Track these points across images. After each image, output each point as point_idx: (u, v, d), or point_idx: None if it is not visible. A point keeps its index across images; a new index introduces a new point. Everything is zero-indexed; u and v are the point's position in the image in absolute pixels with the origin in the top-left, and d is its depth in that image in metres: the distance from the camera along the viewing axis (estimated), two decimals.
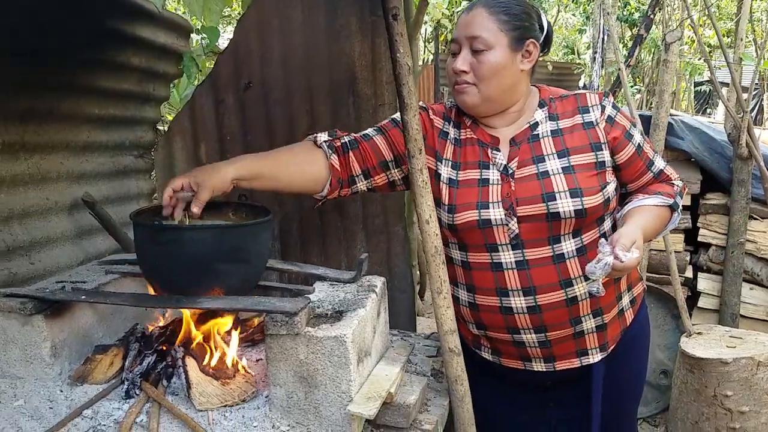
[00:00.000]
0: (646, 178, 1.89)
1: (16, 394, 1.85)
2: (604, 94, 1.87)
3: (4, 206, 2.27)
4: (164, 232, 1.80)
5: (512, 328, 1.88)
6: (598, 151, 1.79)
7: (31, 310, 1.82)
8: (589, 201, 1.75)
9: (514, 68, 1.80)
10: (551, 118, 1.85)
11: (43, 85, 2.38)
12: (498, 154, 1.85)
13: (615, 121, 1.82)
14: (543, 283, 1.80)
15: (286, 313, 1.71)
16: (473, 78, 1.80)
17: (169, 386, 1.87)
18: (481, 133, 1.90)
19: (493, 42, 1.76)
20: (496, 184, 1.82)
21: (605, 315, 1.88)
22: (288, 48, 2.90)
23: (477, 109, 1.85)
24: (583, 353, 1.92)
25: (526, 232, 1.78)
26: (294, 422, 1.76)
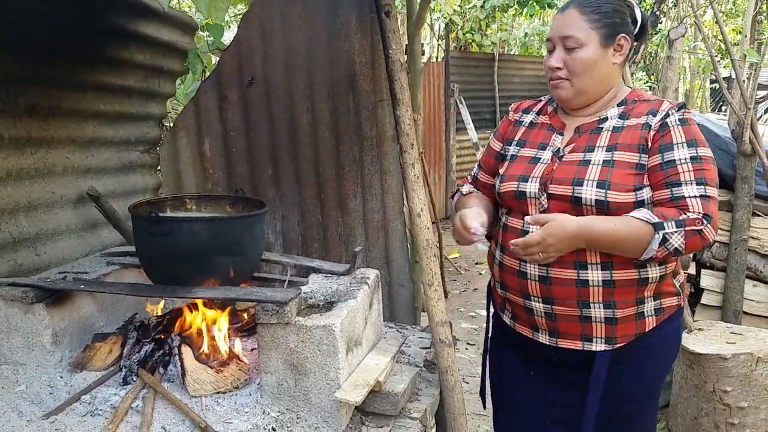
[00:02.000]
0: (663, 194, 1.80)
1: (18, 379, 1.92)
2: (679, 105, 1.88)
3: (10, 199, 2.34)
4: (160, 224, 1.86)
5: (524, 293, 1.95)
6: (643, 153, 1.83)
7: (32, 299, 1.89)
8: (614, 195, 1.79)
9: (605, 62, 1.90)
10: (621, 117, 1.93)
11: (49, 81, 2.45)
12: (558, 138, 1.97)
13: (668, 129, 1.83)
14: (559, 258, 1.86)
15: (276, 302, 1.76)
16: (566, 74, 1.91)
17: (165, 373, 1.93)
18: (555, 120, 2.03)
19: (584, 40, 1.87)
20: (544, 163, 1.94)
21: (617, 310, 1.90)
22: (289, 45, 2.95)
23: (571, 101, 1.97)
24: (587, 339, 1.96)
25: (553, 209, 1.87)
26: (284, 408, 1.82)
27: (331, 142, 3.02)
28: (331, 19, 2.88)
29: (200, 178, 3.16)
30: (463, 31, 10.75)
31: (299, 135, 3.04)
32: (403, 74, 2.00)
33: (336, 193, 3.06)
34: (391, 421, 1.91)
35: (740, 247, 4.10)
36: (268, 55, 2.99)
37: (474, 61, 9.78)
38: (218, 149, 3.12)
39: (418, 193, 2.03)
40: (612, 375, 1.97)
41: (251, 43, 2.98)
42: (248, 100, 3.05)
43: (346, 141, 3.01)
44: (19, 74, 2.31)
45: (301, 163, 3.07)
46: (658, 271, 1.89)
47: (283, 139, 3.06)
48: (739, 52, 4.16)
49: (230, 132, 3.10)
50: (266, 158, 3.09)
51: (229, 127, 3.09)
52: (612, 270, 1.85)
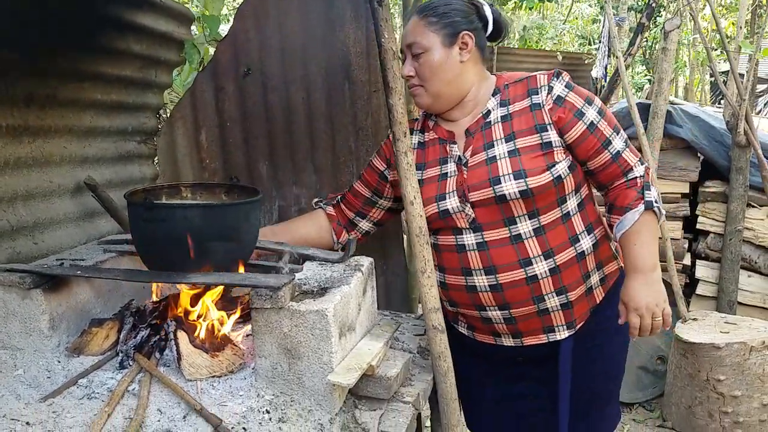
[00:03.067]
0: (604, 157, 1.92)
1: (16, 364, 1.94)
2: (554, 74, 1.94)
3: (8, 188, 2.35)
4: (155, 210, 1.88)
5: (478, 305, 1.97)
6: (543, 132, 1.87)
7: (30, 285, 1.91)
8: (533, 181, 1.84)
9: (452, 62, 1.94)
10: (502, 104, 1.96)
11: (45, 71, 2.46)
12: (454, 147, 1.99)
13: (565, 100, 1.89)
14: (502, 262, 1.90)
15: (270, 287, 1.79)
16: (419, 80, 1.97)
17: (161, 358, 1.96)
18: (440, 131, 2.05)
19: (427, 44, 1.93)
20: (453, 176, 1.96)
21: (570, 293, 1.95)
22: (285, 36, 2.96)
23: (432, 107, 2.02)
24: (549, 330, 2.00)
25: (481, 216, 1.90)
26: (278, 392, 1.84)
27: (327, 132, 3.04)
28: (327, 9, 2.90)
29: (197, 168, 3.18)
30: None
31: (295, 125, 3.06)
32: (396, 63, 2.02)
33: (332, 183, 3.08)
34: (384, 405, 1.94)
35: (735, 238, 4.13)
36: (264, 45, 3.00)
37: None
38: (215, 140, 3.14)
39: (411, 181, 2.05)
40: (577, 358, 2.01)
41: (247, 34, 3.00)
42: (244, 91, 3.07)
43: (342, 131, 3.02)
44: (16, 63, 2.32)
45: (296, 153, 3.09)
46: (590, 239, 1.94)
47: (279, 129, 3.08)
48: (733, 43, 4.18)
49: (226, 122, 3.12)
50: (262, 148, 3.11)
51: (226, 117, 3.11)
52: (554, 256, 1.90)
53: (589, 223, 1.96)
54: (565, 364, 2.02)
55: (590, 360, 2.03)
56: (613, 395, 2.23)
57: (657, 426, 3.84)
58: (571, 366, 2.03)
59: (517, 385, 2.13)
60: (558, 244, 1.91)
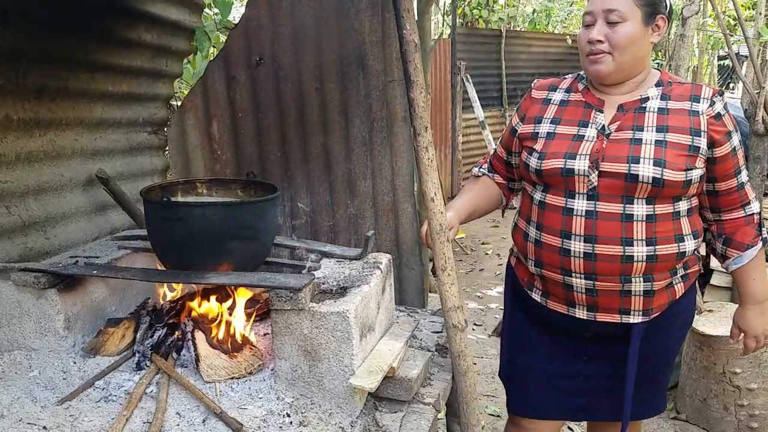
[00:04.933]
0: (732, 183, 1.99)
1: (31, 365, 1.91)
2: (718, 92, 1.97)
3: (19, 182, 2.32)
4: (173, 209, 1.84)
5: (566, 269, 1.98)
6: (696, 136, 1.89)
7: (44, 284, 1.88)
8: (669, 174, 1.86)
9: (645, 40, 1.93)
10: (662, 98, 1.97)
11: (56, 62, 2.42)
12: (600, 115, 1.99)
13: (722, 119, 1.93)
14: (606, 235, 1.92)
15: (290, 288, 1.75)
16: (608, 47, 1.92)
17: (179, 358, 1.93)
18: (589, 96, 2.04)
19: (628, 15, 1.89)
20: (590, 141, 1.95)
21: (655, 282, 1.99)
22: (298, 24, 2.91)
23: (610, 76, 1.98)
24: (625, 312, 2.02)
25: (604, 187, 1.91)
26: (298, 394, 1.81)
27: (341, 123, 2.99)
28: None
29: (208, 159, 3.14)
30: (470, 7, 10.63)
31: (308, 115, 3.01)
32: (418, 55, 1.97)
33: (345, 174, 3.04)
34: (405, 407, 1.91)
35: None
36: (276, 34, 2.95)
37: (480, 37, 9.67)
38: (226, 130, 3.10)
39: (432, 177, 2.01)
40: (645, 343, 2.05)
41: (259, 22, 2.94)
42: (256, 80, 3.02)
43: (356, 122, 2.97)
44: (27, 53, 2.28)
45: (310, 144, 3.05)
46: (693, 244, 2.01)
47: (292, 119, 3.03)
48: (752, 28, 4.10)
49: (238, 113, 3.08)
50: (275, 139, 3.07)
51: (237, 107, 3.07)
52: (656, 245, 1.94)
53: (695, 229, 2.03)
54: (635, 348, 2.06)
55: (654, 347, 2.09)
56: (664, 383, 2.29)
57: (671, 418, 3.81)
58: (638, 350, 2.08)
59: (575, 362, 2.15)
60: (663, 236, 1.96)
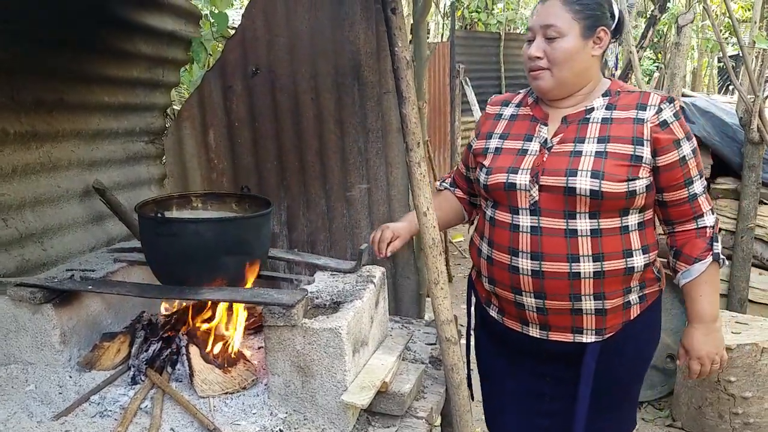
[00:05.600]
0: (681, 194, 1.93)
1: (28, 379, 1.93)
2: (667, 99, 1.94)
3: (16, 195, 2.33)
4: (167, 224, 1.86)
5: (515, 288, 1.97)
6: (638, 145, 1.87)
7: (40, 300, 1.89)
8: (608, 186, 1.83)
9: (585, 54, 1.92)
10: (608, 108, 1.96)
11: (53, 75, 2.43)
12: (544, 129, 1.99)
13: (668, 126, 1.89)
14: (551, 251, 1.90)
15: (283, 305, 1.77)
16: (547, 63, 1.92)
17: (173, 373, 1.94)
18: (537, 111, 2.05)
19: (566, 30, 1.89)
20: (533, 155, 1.95)
21: (607, 301, 1.95)
22: (294, 35, 2.92)
23: (552, 92, 1.98)
24: (577, 331, 2.00)
25: (544, 201, 1.90)
26: (291, 410, 1.83)
27: (336, 133, 3.00)
28: (336, 9, 2.85)
29: (205, 168, 3.15)
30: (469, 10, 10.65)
31: (304, 126, 3.02)
32: (410, 71, 1.99)
33: (341, 184, 3.05)
34: (398, 421, 1.92)
35: (747, 236, 4.09)
36: (272, 44, 2.96)
37: (479, 40, 9.70)
38: (223, 140, 3.11)
39: (424, 191, 2.03)
40: (600, 364, 2.01)
41: (255, 33, 2.95)
42: (253, 90, 3.03)
43: (351, 132, 2.99)
44: (23, 67, 2.29)
45: (306, 154, 3.06)
46: (643, 259, 1.95)
47: (288, 129, 3.04)
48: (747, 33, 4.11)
49: (235, 122, 3.09)
50: (271, 149, 3.08)
51: (234, 117, 3.07)
52: (603, 261, 1.91)
53: (646, 244, 1.98)
54: (588, 368, 2.03)
55: (612, 368, 2.04)
56: (630, 403, 2.23)
57: (666, 425, 3.83)
58: (593, 371, 2.04)
59: (538, 382, 2.14)
60: (610, 251, 1.92)
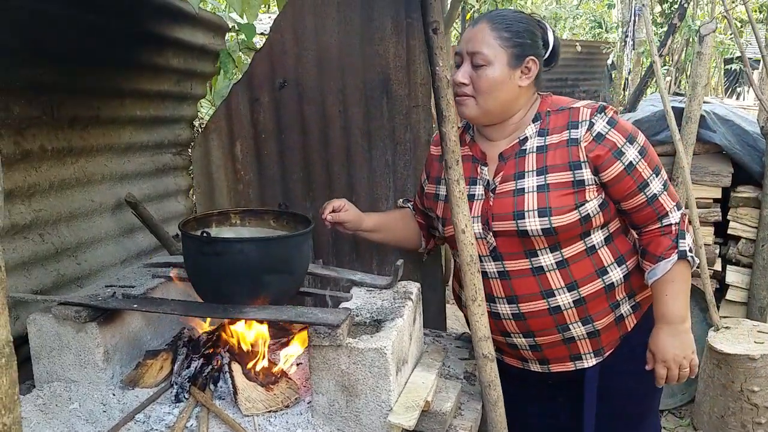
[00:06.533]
0: (639, 199, 1.86)
1: (71, 397, 1.95)
2: (598, 109, 1.87)
3: (53, 210, 2.36)
4: (212, 244, 1.87)
5: (503, 331, 1.97)
6: (577, 169, 1.82)
7: (85, 318, 1.91)
8: (558, 220, 1.80)
9: (512, 84, 1.87)
10: (540, 134, 1.91)
11: (89, 91, 2.46)
12: (485, 169, 1.95)
13: (605, 138, 1.83)
14: (524, 292, 1.89)
15: (328, 325, 1.78)
16: (472, 90, 1.89)
17: (216, 390, 1.96)
18: (475, 150, 2.01)
19: (492, 58, 1.85)
20: (479, 200, 1.93)
21: (596, 322, 1.93)
22: (323, 48, 2.93)
23: (475, 119, 1.96)
24: (576, 357, 1.98)
25: (502, 246, 1.88)
26: (336, 429, 1.84)
27: (364, 146, 3.01)
28: (366, 23, 2.86)
29: (231, 180, 3.16)
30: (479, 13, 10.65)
31: (331, 138, 3.03)
32: (449, 91, 1.99)
33: (368, 197, 3.06)
34: None
35: (767, 244, 4.09)
36: (300, 57, 2.97)
37: None
38: (249, 151, 3.12)
39: (462, 209, 2.03)
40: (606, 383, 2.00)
41: (284, 46, 2.97)
42: (280, 103, 3.04)
43: (379, 145, 3.00)
44: (60, 85, 2.31)
45: (332, 166, 3.07)
46: (620, 271, 1.91)
47: (315, 142, 3.05)
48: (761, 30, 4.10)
49: (261, 134, 3.10)
50: (297, 161, 3.09)
51: (261, 129, 3.09)
52: (578, 288, 1.88)
53: (620, 255, 1.93)
54: (591, 392, 2.02)
55: (619, 384, 2.02)
56: (644, 417, 2.21)
57: None
58: (597, 390, 2.03)
59: (550, 404, 2.14)
60: (583, 276, 1.89)
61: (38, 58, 2.15)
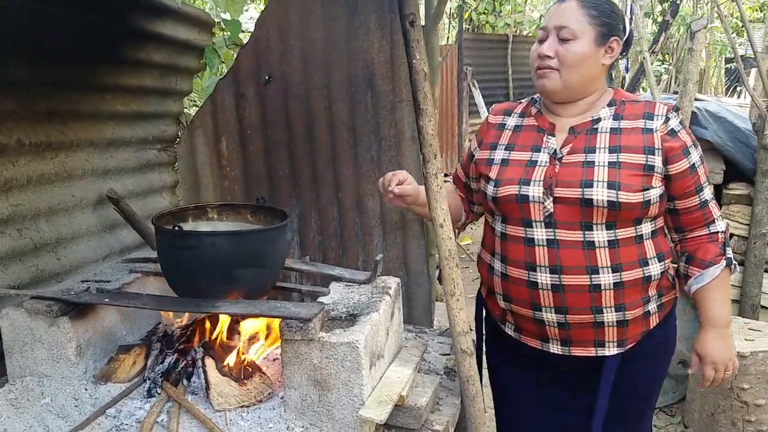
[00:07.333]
0: (692, 201, 1.94)
1: (43, 392, 1.93)
2: (673, 108, 1.94)
3: (31, 205, 2.34)
4: (184, 237, 1.85)
5: (535, 304, 1.95)
6: (650, 154, 1.86)
7: (57, 312, 1.89)
8: (624, 196, 1.82)
9: (596, 61, 1.90)
10: (615, 118, 1.95)
11: (67, 85, 2.44)
12: (551, 139, 1.96)
13: (677, 135, 1.90)
14: (570, 264, 1.88)
15: (300, 319, 1.76)
16: (557, 64, 1.89)
17: (189, 385, 1.94)
18: (542, 121, 2.02)
19: (580, 33, 1.87)
20: (543, 166, 1.92)
21: (628, 312, 1.94)
22: (307, 44, 2.92)
23: (556, 94, 1.95)
24: (600, 344, 1.98)
25: (560, 213, 1.87)
26: (308, 424, 1.82)
27: (349, 141, 3.00)
28: (350, 18, 2.85)
29: (217, 176, 3.15)
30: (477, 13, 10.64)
31: (316, 134, 3.02)
32: (427, 84, 1.98)
33: (353, 192, 3.05)
34: None
35: (759, 242, 4.07)
36: (285, 53, 2.96)
37: (487, 42, 9.68)
38: (235, 147, 3.11)
39: (441, 203, 2.02)
40: (621, 376, 2.00)
41: (269, 42, 2.96)
42: (265, 98, 3.03)
43: (364, 141, 2.98)
44: (37, 79, 2.30)
45: (318, 162, 3.06)
46: (659, 267, 1.94)
47: (300, 137, 3.04)
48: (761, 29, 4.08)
49: (247, 130, 3.09)
50: (283, 157, 3.08)
51: (246, 125, 3.08)
52: (621, 272, 1.89)
53: (660, 251, 1.97)
54: (607, 380, 2.02)
55: (631, 380, 2.03)
56: (645, 416, 2.22)
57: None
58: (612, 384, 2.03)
59: (556, 395, 2.12)
60: (628, 261, 1.91)
61: (13, 52, 2.14)
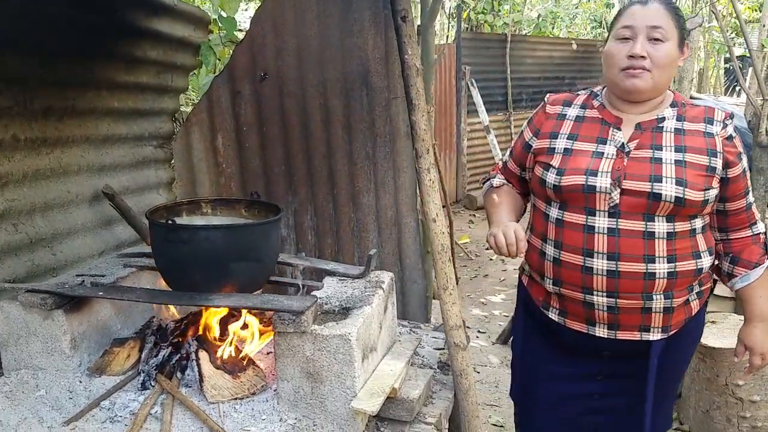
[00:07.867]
0: (741, 203, 2.02)
1: (38, 384, 1.94)
2: (730, 115, 2.01)
3: (27, 200, 2.35)
4: (177, 231, 1.86)
5: (587, 288, 1.99)
6: (713, 157, 1.93)
7: (51, 306, 1.90)
8: (690, 194, 1.89)
9: (676, 63, 1.97)
10: (678, 119, 2.00)
11: (63, 82, 2.45)
12: (618, 133, 2.01)
13: (733, 141, 1.98)
14: (629, 252, 1.93)
15: (293, 312, 1.77)
16: (650, 64, 1.91)
17: (183, 378, 1.95)
18: (606, 114, 2.06)
19: (669, 35, 1.91)
20: (610, 158, 1.97)
21: (675, 299, 2.01)
22: (302, 41, 2.93)
23: (645, 93, 1.98)
24: (645, 329, 2.04)
25: (625, 204, 1.93)
26: (301, 415, 1.84)
27: (344, 138, 3.01)
28: (345, 15, 2.86)
29: (213, 172, 3.17)
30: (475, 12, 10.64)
31: (312, 130, 3.04)
32: (420, 79, 1.99)
33: (349, 188, 3.06)
34: (407, 427, 1.93)
35: None
36: (280, 50, 2.97)
37: (485, 42, 9.68)
38: (231, 144, 3.13)
39: (434, 198, 2.04)
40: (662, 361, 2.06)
41: (264, 39, 2.97)
42: (261, 95, 3.04)
43: (359, 137, 3.00)
44: (34, 76, 2.31)
45: (313, 158, 3.07)
46: (709, 260, 2.04)
47: (296, 134, 3.05)
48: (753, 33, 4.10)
49: (243, 127, 3.10)
50: (279, 153, 3.09)
51: (242, 122, 3.09)
52: (676, 262, 1.97)
53: (710, 246, 2.06)
54: (654, 365, 2.07)
55: (669, 364, 2.11)
56: (671, 398, 2.30)
57: (674, 429, 3.81)
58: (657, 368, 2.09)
59: (591, 383, 2.16)
60: (683, 253, 1.98)
61: (9, 49, 2.15)
